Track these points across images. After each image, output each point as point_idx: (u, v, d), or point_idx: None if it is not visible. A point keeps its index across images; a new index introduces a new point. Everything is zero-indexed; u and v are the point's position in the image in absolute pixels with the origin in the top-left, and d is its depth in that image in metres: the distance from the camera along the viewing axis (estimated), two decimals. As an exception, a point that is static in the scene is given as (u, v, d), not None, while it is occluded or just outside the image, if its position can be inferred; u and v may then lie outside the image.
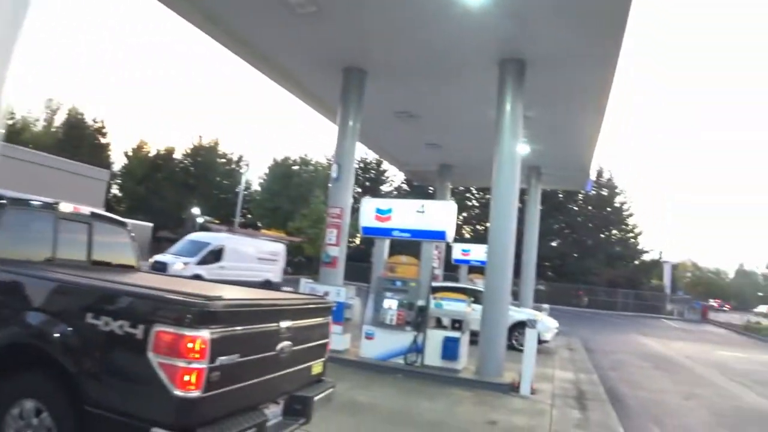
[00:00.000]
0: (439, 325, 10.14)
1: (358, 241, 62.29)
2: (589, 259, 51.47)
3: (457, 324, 9.79)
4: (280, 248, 26.68)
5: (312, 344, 4.49)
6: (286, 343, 3.93)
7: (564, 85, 11.64)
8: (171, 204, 56.53)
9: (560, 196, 52.82)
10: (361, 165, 59.09)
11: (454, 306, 9.86)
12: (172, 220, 53.04)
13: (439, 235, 9.98)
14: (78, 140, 59.58)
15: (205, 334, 3.13)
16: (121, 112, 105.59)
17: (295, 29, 10.22)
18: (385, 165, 57.52)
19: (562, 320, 18.46)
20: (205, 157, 64.22)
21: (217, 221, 51.89)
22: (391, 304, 10.02)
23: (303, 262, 48.77)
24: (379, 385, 8.51)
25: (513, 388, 8.98)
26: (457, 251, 21.27)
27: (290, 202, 50.40)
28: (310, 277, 15.55)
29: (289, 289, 10.83)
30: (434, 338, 9.74)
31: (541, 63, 10.26)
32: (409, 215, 10.17)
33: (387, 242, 10.41)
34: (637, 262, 54.73)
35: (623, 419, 7.94)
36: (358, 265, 50.23)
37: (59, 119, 66.46)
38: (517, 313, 14.56)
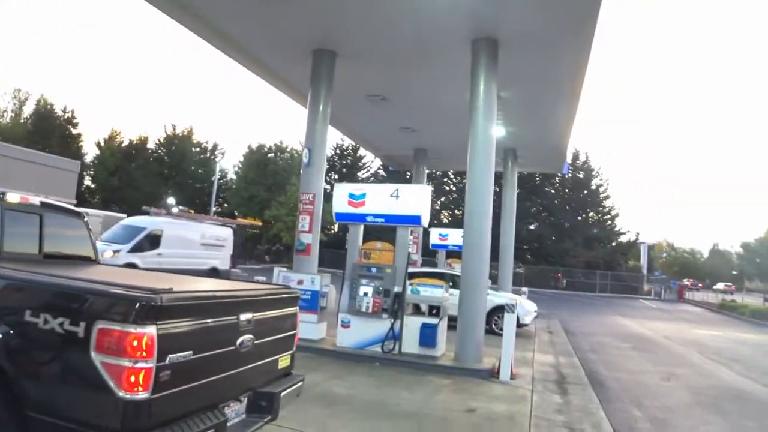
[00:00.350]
0: (416, 311, 9.94)
1: (336, 228, 62.38)
2: (566, 241, 51.74)
3: (435, 310, 9.60)
4: (227, 233, 24.17)
5: (277, 337, 4.23)
6: (247, 336, 3.68)
7: (538, 66, 11.45)
8: (145, 194, 55.52)
9: (537, 179, 53.03)
10: (337, 151, 58.63)
11: (430, 291, 9.67)
12: (148, 211, 52.19)
13: (415, 220, 9.76)
14: (48, 131, 58.25)
15: (151, 330, 2.87)
16: (92, 101, 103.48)
17: (260, 10, 9.87)
18: (362, 151, 57.14)
19: (540, 303, 18.45)
20: (179, 146, 63.26)
21: (191, 211, 51.27)
22: (366, 290, 9.80)
23: (281, 250, 48.32)
24: (355, 375, 8.30)
25: (493, 374, 8.84)
26: (435, 236, 21.13)
27: (266, 190, 49.81)
28: (287, 265, 15.26)
29: (262, 278, 10.56)
30: (411, 325, 9.56)
31: (514, 43, 10.05)
32: (383, 200, 9.93)
33: (361, 228, 10.14)
34: (614, 244, 55.12)
35: (604, 402, 7.84)
36: (336, 252, 50.36)
37: (28, 110, 64.93)
38: (496, 297, 14.51)
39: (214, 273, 19.96)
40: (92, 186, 63.00)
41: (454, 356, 9.57)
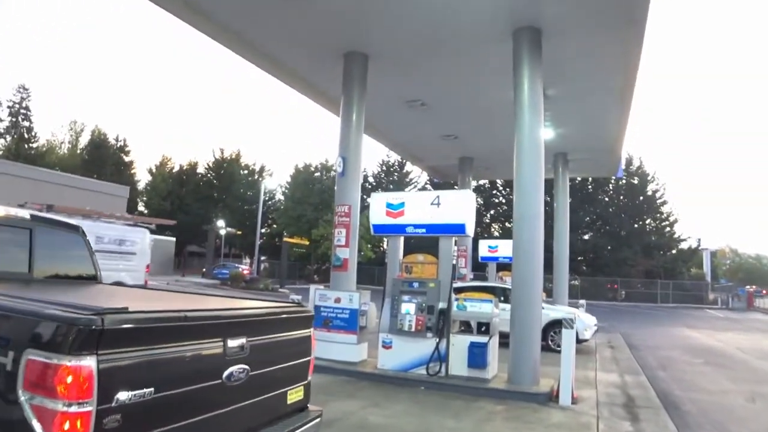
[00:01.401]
0: (464, 329, 9.08)
1: (386, 243, 61.64)
2: (623, 250, 49.51)
3: (484, 327, 8.71)
4: (138, 236, 17.63)
5: (284, 365, 3.49)
6: (239, 367, 2.96)
7: (586, 57, 10.51)
8: (197, 218, 56.43)
9: (589, 187, 51.21)
10: (383, 168, 58.26)
11: (478, 307, 8.78)
12: (199, 233, 52.78)
13: (458, 229, 8.93)
14: (102, 160, 59.88)
15: (89, 362, 2.17)
16: (144, 128, 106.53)
17: (286, 12, 9.33)
18: (409, 166, 56.57)
19: (599, 316, 17.20)
20: (227, 170, 64.27)
21: (239, 232, 51.64)
22: (408, 308, 9.01)
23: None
24: (397, 402, 7.49)
25: (551, 398, 7.89)
26: (484, 248, 20.17)
27: (314, 209, 49.67)
28: (325, 284, 14.60)
29: (297, 297, 9.89)
30: (459, 344, 8.69)
31: (558, 30, 9.18)
32: (423, 209, 9.16)
33: (401, 240, 9.38)
34: (674, 251, 52.48)
35: (682, 429, 6.80)
36: (380, 268, 49.62)
37: (84, 140, 67.02)
38: (552, 311, 13.52)
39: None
40: (145, 211, 64.34)
41: (508, 378, 8.65)
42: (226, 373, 2.86)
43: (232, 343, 2.94)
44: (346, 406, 7.05)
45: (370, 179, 57.47)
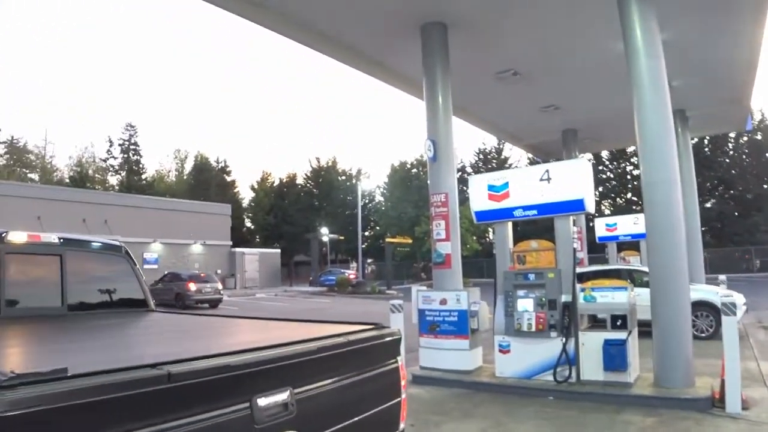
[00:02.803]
0: (594, 323, 7.67)
1: (491, 234, 59.71)
2: (753, 215, 44.67)
3: (620, 320, 7.24)
4: None
5: (359, 418, 2.42)
6: (280, 437, 1.91)
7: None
8: (300, 228, 57.25)
9: (706, 150, 46.67)
10: (480, 156, 56.43)
11: (611, 296, 7.32)
12: (305, 243, 53.45)
13: (576, 206, 7.54)
14: (206, 182, 62.17)
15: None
16: (243, 147, 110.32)
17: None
18: (506, 152, 54.41)
19: (736, 291, 14.94)
20: (325, 177, 64.90)
21: (342, 237, 51.63)
22: (525, 304, 7.72)
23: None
24: (523, 419, 6.26)
25: (713, 403, 6.35)
26: (601, 227, 18.24)
27: (413, 206, 48.73)
28: (427, 282, 13.49)
29: (398, 302, 8.83)
30: (590, 343, 7.29)
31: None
32: (531, 187, 7.84)
33: (509, 226, 8.10)
34: (815, 210, 46.82)
35: None
36: (488, 261, 47.80)
37: (188, 166, 70.08)
38: (695, 291, 11.65)
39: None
40: (251, 227, 66.28)
41: (654, 379, 7.16)
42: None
43: (266, 401, 1.90)
44: (464, 428, 5.92)
45: (468, 169, 55.82)
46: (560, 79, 12.80)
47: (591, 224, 19.39)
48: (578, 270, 11.00)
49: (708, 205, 47.49)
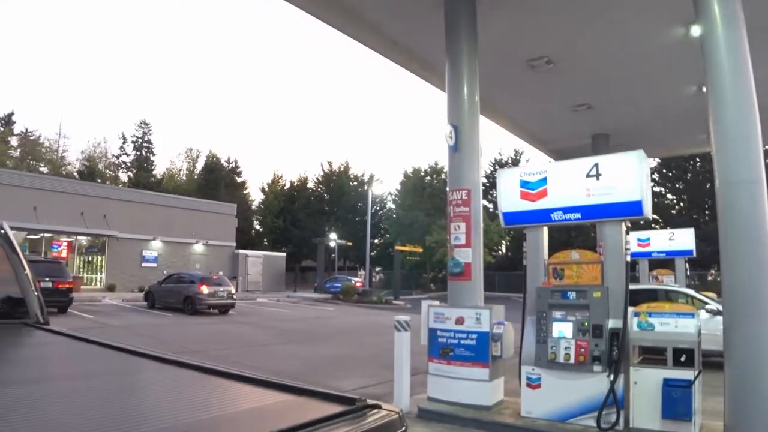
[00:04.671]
0: (646, 356, 6.15)
1: (504, 247, 57.99)
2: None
3: (685, 356, 5.71)
4: None
5: None
6: None
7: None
8: (309, 233, 56.00)
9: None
10: (496, 167, 54.89)
11: (674, 324, 5.81)
12: (313, 248, 52.20)
13: (632, 208, 6.04)
14: (215, 182, 61.11)
15: None
16: (256, 149, 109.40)
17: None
18: (525, 156, 52.77)
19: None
20: (337, 182, 63.76)
21: (350, 243, 50.17)
22: (563, 329, 6.22)
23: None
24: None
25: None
26: (632, 242, 16.69)
27: (425, 214, 47.25)
28: (438, 296, 11.98)
29: (404, 318, 7.34)
30: (645, 382, 5.77)
31: None
32: (575, 184, 6.37)
33: (544, 232, 6.60)
34: None
35: None
36: (508, 274, 46.07)
37: (200, 166, 69.14)
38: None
39: None
40: (260, 230, 65.14)
41: (724, 430, 5.63)
42: None
43: None
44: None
45: (482, 179, 54.26)
46: (598, 72, 11.30)
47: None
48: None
49: None
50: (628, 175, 6.10)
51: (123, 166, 65.82)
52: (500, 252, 55.18)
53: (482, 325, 6.88)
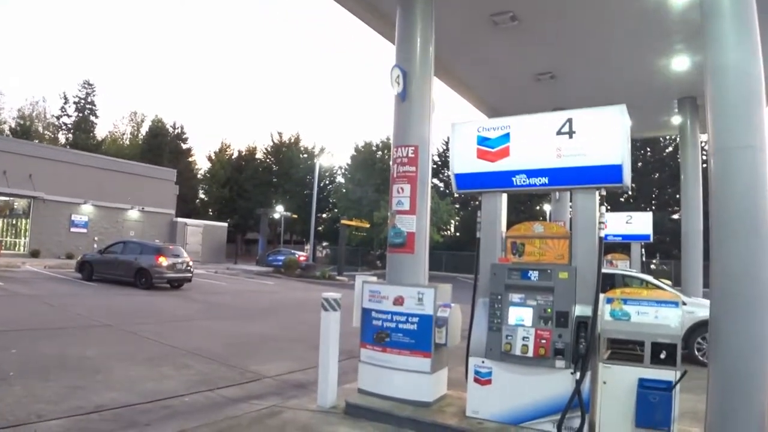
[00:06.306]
0: (617, 349, 5.18)
1: (453, 227, 57.38)
2: None
3: (665, 352, 4.74)
4: None
5: None
6: None
7: None
8: (256, 204, 54.30)
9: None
10: (441, 158, 53.82)
11: (653, 314, 4.82)
12: (259, 220, 50.58)
13: (609, 174, 5.02)
14: (159, 148, 58.57)
15: None
16: (204, 116, 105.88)
17: None
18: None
19: None
20: (286, 154, 62.02)
21: (294, 216, 48.74)
22: (521, 314, 5.20)
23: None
24: None
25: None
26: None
27: (375, 190, 46.15)
28: (376, 272, 10.89)
29: (334, 295, 6.20)
30: (616, 382, 4.79)
31: None
32: (543, 143, 5.32)
33: (503, 199, 5.51)
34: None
35: None
36: (456, 254, 45.30)
37: (144, 130, 66.24)
38: (699, 309, 9.74)
39: None
40: (205, 199, 62.96)
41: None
42: None
43: None
44: None
45: (433, 157, 53.24)
46: (565, 35, 10.27)
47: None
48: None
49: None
50: (607, 134, 5.07)
51: (63, 127, 62.50)
52: (449, 232, 54.58)
53: (425, 307, 5.79)
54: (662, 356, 4.68)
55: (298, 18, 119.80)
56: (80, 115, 62.21)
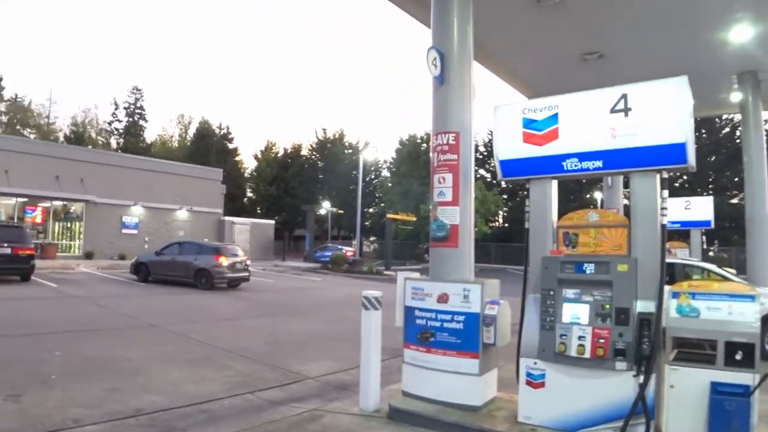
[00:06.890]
0: (688, 351, 4.68)
1: (501, 218, 56.39)
2: None
3: (741, 352, 4.24)
4: None
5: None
6: None
7: None
8: (302, 201, 54.66)
9: None
10: (486, 150, 52.91)
11: (726, 309, 4.33)
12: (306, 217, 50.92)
13: (672, 155, 4.54)
14: (206, 149, 59.53)
15: None
16: (249, 116, 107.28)
17: None
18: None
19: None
20: (331, 150, 62.29)
21: (341, 211, 48.75)
22: (577, 312, 4.76)
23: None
24: None
25: None
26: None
27: (421, 183, 45.71)
28: (419, 266, 10.48)
29: (377, 293, 5.87)
30: (685, 386, 4.31)
31: None
32: (595, 124, 4.86)
33: (553, 186, 5.05)
34: None
35: None
36: (505, 245, 44.39)
37: (192, 132, 67.58)
38: (770, 299, 8.91)
39: None
40: (253, 197, 63.80)
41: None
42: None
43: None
44: None
45: (479, 147, 52.44)
46: (613, 12, 9.68)
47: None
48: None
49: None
50: (667, 110, 4.58)
51: (115, 132, 64.47)
52: (497, 223, 53.72)
53: (471, 304, 5.41)
54: (738, 357, 4.18)
55: (339, 13, 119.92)
56: (130, 119, 64.07)
